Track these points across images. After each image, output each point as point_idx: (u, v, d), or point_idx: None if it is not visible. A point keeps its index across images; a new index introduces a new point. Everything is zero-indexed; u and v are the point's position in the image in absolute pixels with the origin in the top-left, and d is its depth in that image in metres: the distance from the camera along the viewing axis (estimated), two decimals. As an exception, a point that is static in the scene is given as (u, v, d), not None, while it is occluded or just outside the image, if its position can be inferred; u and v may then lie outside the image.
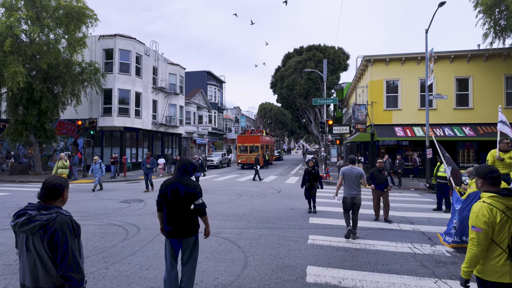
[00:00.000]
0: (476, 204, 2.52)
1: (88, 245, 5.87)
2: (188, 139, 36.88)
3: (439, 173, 9.74)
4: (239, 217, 8.39)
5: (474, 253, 2.43)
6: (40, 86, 18.87)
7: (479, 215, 2.44)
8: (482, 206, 2.47)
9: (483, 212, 2.43)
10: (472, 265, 2.45)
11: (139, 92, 25.11)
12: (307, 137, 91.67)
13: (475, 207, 2.51)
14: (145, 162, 13.82)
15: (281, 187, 15.27)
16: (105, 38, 23.70)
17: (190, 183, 3.59)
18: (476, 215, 2.45)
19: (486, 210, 2.43)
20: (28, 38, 19.21)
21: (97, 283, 4.26)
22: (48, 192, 2.20)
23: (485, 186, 2.62)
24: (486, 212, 2.42)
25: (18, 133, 19.63)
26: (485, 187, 2.61)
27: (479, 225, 2.42)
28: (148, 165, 13.69)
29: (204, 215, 3.67)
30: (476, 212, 2.47)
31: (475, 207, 2.50)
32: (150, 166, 13.70)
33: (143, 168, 13.69)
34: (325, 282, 4.33)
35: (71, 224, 2.13)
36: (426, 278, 4.46)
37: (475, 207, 2.51)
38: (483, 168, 2.65)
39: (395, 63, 20.76)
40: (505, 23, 16.40)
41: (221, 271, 4.70)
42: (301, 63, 34.36)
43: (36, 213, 2.09)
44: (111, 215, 8.68)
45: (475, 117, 19.50)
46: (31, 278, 2.09)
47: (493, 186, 2.56)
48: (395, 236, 6.64)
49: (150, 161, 13.79)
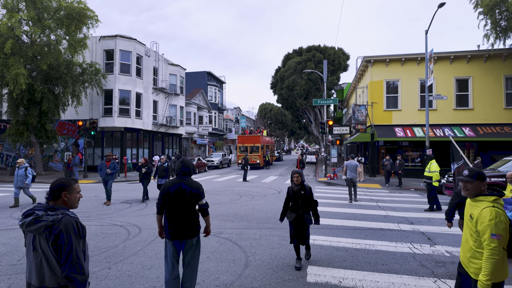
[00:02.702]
0: (491, 210, 2.39)
1: (90, 245, 5.90)
2: (189, 140, 36.92)
3: (425, 173, 9.88)
4: (240, 217, 8.43)
5: (496, 262, 2.31)
6: (41, 87, 18.93)
7: (498, 222, 2.34)
8: (498, 212, 2.39)
9: (500, 218, 2.35)
10: (493, 276, 2.32)
11: (140, 92, 25.17)
12: (307, 138, 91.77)
13: (490, 213, 2.37)
14: (103, 165, 10.60)
15: (281, 187, 15.30)
16: (106, 39, 23.76)
17: (194, 184, 3.64)
18: (494, 223, 2.33)
19: (503, 216, 2.37)
20: (29, 39, 19.27)
21: (100, 282, 4.30)
22: (51, 192, 2.25)
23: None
24: (503, 218, 2.36)
25: (19, 133, 19.70)
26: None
27: (500, 232, 2.33)
28: (108, 170, 10.48)
29: (207, 215, 3.77)
30: (493, 218, 2.35)
31: (490, 213, 2.37)
32: (110, 171, 10.53)
33: (101, 173, 10.57)
34: (325, 281, 4.37)
35: (76, 226, 2.16)
36: (426, 277, 4.50)
37: (489, 213, 2.38)
38: None
39: (395, 64, 20.81)
40: (506, 24, 16.44)
41: (223, 271, 4.74)
42: (301, 64, 34.42)
43: (43, 213, 2.13)
44: (112, 215, 8.73)
45: (475, 118, 19.55)
46: (37, 277, 2.13)
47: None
48: (395, 236, 6.68)
49: (110, 165, 10.61)
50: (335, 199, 11.56)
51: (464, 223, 2.70)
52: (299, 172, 5.04)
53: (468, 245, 2.58)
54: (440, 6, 14.07)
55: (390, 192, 14.17)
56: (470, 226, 2.54)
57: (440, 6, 14.05)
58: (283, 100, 41.01)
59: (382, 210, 9.58)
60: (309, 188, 5.05)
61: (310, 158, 38.73)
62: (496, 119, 19.34)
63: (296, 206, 4.97)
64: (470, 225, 2.54)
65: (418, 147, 20.63)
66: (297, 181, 4.97)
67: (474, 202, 2.57)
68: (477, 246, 2.48)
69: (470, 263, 2.54)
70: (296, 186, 5.00)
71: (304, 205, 4.95)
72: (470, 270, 2.55)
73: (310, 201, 5.00)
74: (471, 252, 2.53)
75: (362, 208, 9.79)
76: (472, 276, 2.53)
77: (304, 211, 4.94)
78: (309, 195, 4.99)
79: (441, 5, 14.03)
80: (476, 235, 2.47)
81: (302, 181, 5.03)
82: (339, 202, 10.97)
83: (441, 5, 14.03)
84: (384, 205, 10.50)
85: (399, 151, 20.57)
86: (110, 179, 10.60)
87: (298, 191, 4.98)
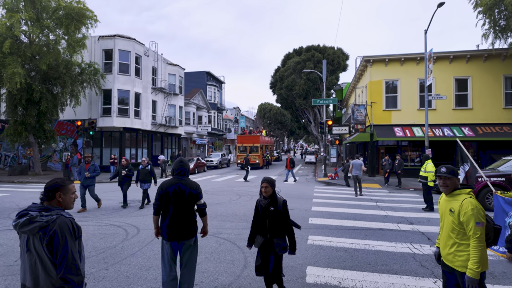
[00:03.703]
0: (470, 200, 2.56)
1: (88, 246, 5.87)
2: (188, 140, 36.88)
3: (421, 173, 9.94)
4: (239, 217, 8.39)
5: (483, 250, 2.44)
6: (40, 86, 18.86)
7: (480, 210, 2.51)
8: (476, 202, 2.57)
9: (479, 207, 2.53)
10: (483, 262, 2.44)
11: (139, 92, 25.12)
12: (306, 138, 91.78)
13: (470, 204, 2.53)
14: (82, 168, 9.25)
15: (281, 187, 15.27)
16: (105, 38, 23.70)
17: (192, 184, 3.62)
18: (477, 211, 2.50)
19: (479, 205, 2.55)
20: (28, 39, 19.21)
21: (97, 283, 4.26)
22: (46, 192, 2.21)
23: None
24: (480, 207, 2.54)
25: (18, 133, 19.63)
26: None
27: (482, 220, 2.49)
28: (87, 173, 9.12)
29: (205, 215, 3.76)
30: (475, 208, 2.51)
31: (471, 204, 2.53)
32: (90, 174, 9.19)
33: (80, 177, 9.29)
34: (324, 282, 4.33)
35: (72, 226, 2.13)
36: (426, 278, 4.47)
37: (470, 203, 2.54)
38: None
39: (395, 64, 20.80)
40: (505, 23, 16.43)
41: (221, 271, 4.70)
42: (300, 64, 34.40)
43: (37, 214, 2.09)
44: (110, 215, 8.68)
45: (474, 117, 19.55)
46: (31, 279, 2.09)
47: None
48: (394, 236, 6.65)
49: (90, 167, 9.19)
50: (335, 199, 11.53)
51: (442, 219, 2.82)
52: (269, 181, 3.62)
53: (451, 240, 2.67)
54: (439, 5, 14.06)
55: (390, 192, 14.15)
56: (452, 220, 2.64)
57: (440, 5, 14.04)
58: (282, 100, 41.00)
59: (382, 210, 9.55)
60: (282, 204, 3.60)
61: (309, 158, 38.75)
62: (495, 119, 19.34)
63: (263, 228, 3.59)
64: (451, 219, 2.65)
65: (418, 147, 20.62)
66: (265, 192, 3.57)
67: (452, 197, 2.72)
68: (460, 238, 2.59)
69: (456, 257, 2.62)
70: (265, 199, 3.60)
71: (274, 226, 3.55)
72: (456, 264, 2.61)
73: (283, 220, 3.57)
74: (455, 246, 2.63)
75: (362, 208, 9.77)
76: (458, 269, 2.59)
77: (274, 235, 3.55)
78: (282, 212, 3.57)
79: (440, 4, 14.01)
80: (459, 228, 2.59)
81: (274, 193, 3.65)
82: (338, 202, 10.94)
83: (440, 4, 14.01)
84: (384, 205, 10.47)
85: (399, 151, 20.56)
86: (90, 183, 9.38)
87: (266, 206, 3.57)
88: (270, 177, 3.71)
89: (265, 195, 3.60)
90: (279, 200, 3.63)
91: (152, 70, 27.84)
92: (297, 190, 14.26)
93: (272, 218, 3.57)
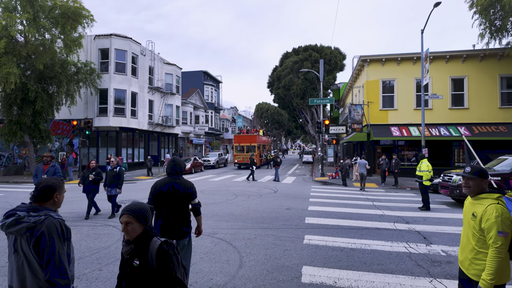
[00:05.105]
0: (496, 207, 2.32)
1: (81, 246, 5.81)
2: (185, 139, 36.77)
3: (417, 172, 10.02)
4: (235, 217, 8.35)
5: (500, 262, 2.23)
6: (35, 86, 18.70)
7: (504, 219, 2.26)
8: (503, 209, 2.31)
9: (506, 215, 2.27)
10: (497, 275, 2.24)
11: (135, 92, 24.99)
12: (304, 137, 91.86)
13: (495, 210, 2.29)
14: (39, 170, 7.58)
15: (278, 187, 15.25)
16: (101, 37, 23.56)
17: (186, 183, 3.59)
18: (501, 219, 2.26)
19: (508, 213, 2.29)
20: (23, 38, 19.04)
21: (90, 284, 4.21)
22: (39, 193, 2.16)
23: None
24: (508, 215, 2.27)
25: (13, 133, 19.46)
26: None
27: (506, 230, 2.25)
28: (44, 176, 6.22)
29: (199, 214, 3.74)
30: (500, 215, 2.27)
31: (496, 210, 2.29)
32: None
33: (36, 181, 7.59)
34: (320, 282, 4.31)
35: (60, 228, 2.08)
36: (421, 277, 4.46)
37: (495, 210, 2.30)
38: None
39: (391, 63, 20.84)
40: (501, 23, 16.50)
41: (216, 271, 4.66)
42: (298, 63, 34.41)
43: (25, 214, 2.04)
44: (105, 216, 8.61)
45: (470, 117, 19.63)
46: (18, 280, 2.04)
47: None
48: (390, 235, 6.64)
49: (49, 169, 7.41)
50: (332, 199, 11.52)
51: (465, 223, 2.61)
52: (134, 211, 1.97)
53: (470, 246, 2.48)
54: (435, 5, 14.09)
55: (386, 191, 14.18)
56: (473, 225, 2.44)
57: (436, 5, 14.07)
58: (279, 100, 40.99)
59: (378, 209, 9.56)
60: (158, 252, 1.92)
61: (306, 158, 38.83)
62: (491, 119, 19.43)
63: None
64: (472, 224, 2.45)
65: (414, 146, 20.67)
66: (128, 232, 1.96)
67: (477, 200, 2.49)
68: (480, 246, 2.39)
69: (472, 265, 2.44)
70: (127, 246, 2.00)
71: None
72: (471, 272, 2.45)
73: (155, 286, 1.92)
74: (473, 253, 2.43)
75: (358, 208, 9.77)
76: (473, 278, 2.43)
77: None
78: (156, 269, 1.92)
79: (436, 4, 14.05)
80: (480, 234, 2.37)
81: (145, 234, 1.99)
82: (335, 201, 10.93)
83: (436, 4, 14.05)
84: (380, 204, 10.48)
85: (395, 150, 20.59)
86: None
87: (129, 258, 1.99)
88: (137, 204, 2.03)
89: (128, 237, 1.98)
90: (153, 246, 1.94)
91: (149, 70, 27.71)
92: (294, 190, 14.25)
93: (136, 279, 1.96)
